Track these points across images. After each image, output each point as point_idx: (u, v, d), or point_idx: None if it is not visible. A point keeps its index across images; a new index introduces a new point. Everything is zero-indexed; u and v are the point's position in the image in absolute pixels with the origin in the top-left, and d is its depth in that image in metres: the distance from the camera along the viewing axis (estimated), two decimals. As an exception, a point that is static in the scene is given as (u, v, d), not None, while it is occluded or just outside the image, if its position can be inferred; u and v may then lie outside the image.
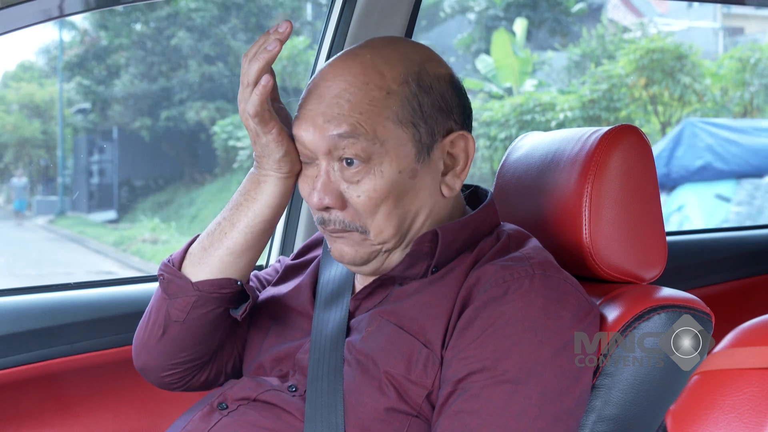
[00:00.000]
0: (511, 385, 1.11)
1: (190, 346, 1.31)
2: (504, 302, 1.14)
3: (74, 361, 1.74)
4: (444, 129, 1.21)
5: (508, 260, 1.18)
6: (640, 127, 7.73)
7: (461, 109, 1.23)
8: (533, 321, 1.13)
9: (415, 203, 1.21)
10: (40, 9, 1.35)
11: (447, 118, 1.21)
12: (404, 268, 1.22)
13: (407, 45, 1.25)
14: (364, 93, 1.17)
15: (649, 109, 9.84)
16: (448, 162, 1.23)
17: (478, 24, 12.71)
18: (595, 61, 10.96)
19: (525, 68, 10.81)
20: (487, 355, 1.12)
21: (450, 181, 1.23)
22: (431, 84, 1.20)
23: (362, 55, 1.20)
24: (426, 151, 1.19)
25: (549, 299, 1.15)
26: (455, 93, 1.22)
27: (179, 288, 1.27)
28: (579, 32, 12.22)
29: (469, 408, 1.11)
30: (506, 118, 9.50)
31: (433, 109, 1.19)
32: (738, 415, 0.73)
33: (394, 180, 1.18)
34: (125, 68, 11.38)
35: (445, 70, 1.23)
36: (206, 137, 10.92)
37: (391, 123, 1.17)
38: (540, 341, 1.12)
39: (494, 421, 1.10)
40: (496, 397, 1.11)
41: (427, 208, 1.22)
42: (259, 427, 1.19)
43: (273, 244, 2.07)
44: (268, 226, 1.28)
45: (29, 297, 1.78)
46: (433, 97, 1.19)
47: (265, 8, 11.64)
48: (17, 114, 11.48)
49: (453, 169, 1.23)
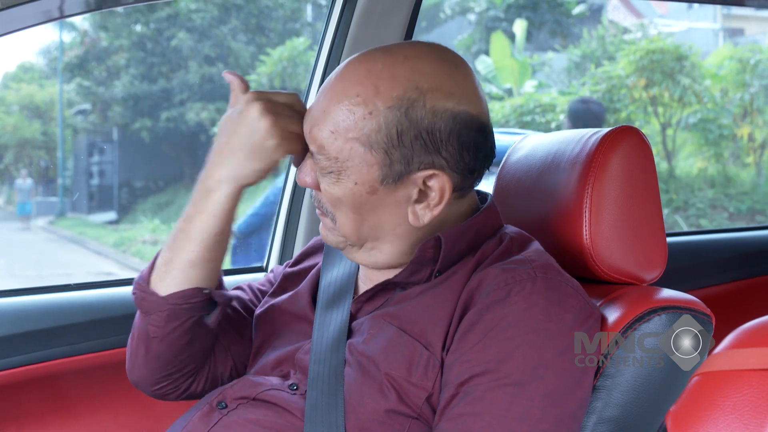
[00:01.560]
0: (513, 388, 1.11)
1: (173, 357, 1.31)
2: (506, 305, 1.14)
3: (75, 362, 1.74)
4: (423, 162, 1.17)
5: (510, 263, 1.18)
6: (640, 128, 7.72)
7: (459, 148, 1.17)
8: (536, 323, 1.13)
9: (374, 217, 1.20)
10: (41, 10, 1.35)
11: (429, 153, 1.16)
12: (408, 275, 1.22)
13: (430, 65, 1.18)
14: (348, 107, 1.16)
15: (649, 111, 9.84)
16: (425, 192, 1.19)
17: (479, 25, 12.71)
18: (595, 62, 10.96)
19: (524, 70, 10.82)
20: (490, 358, 1.12)
21: (420, 211, 1.19)
22: (422, 117, 1.15)
23: (375, 61, 1.17)
24: (394, 177, 1.17)
25: (551, 302, 1.15)
26: (454, 131, 1.16)
27: (152, 304, 1.27)
28: (579, 33, 12.22)
29: (472, 411, 1.11)
30: (506, 119, 9.51)
31: (414, 141, 1.15)
32: (738, 416, 0.73)
33: (349, 190, 1.18)
34: (125, 69, 11.38)
35: (453, 105, 1.16)
36: (206, 138, 10.92)
37: (359, 145, 1.15)
38: (542, 343, 1.12)
39: (497, 423, 1.10)
40: (498, 399, 1.10)
41: (390, 226, 1.21)
42: (259, 425, 1.19)
43: (273, 247, 2.07)
44: (225, 236, 1.27)
45: (29, 298, 1.78)
46: (418, 130, 1.15)
47: (265, 9, 11.65)
48: (17, 115, 11.48)
49: (426, 202, 1.19)
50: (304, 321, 1.33)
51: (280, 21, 11.69)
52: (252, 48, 11.29)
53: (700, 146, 9.75)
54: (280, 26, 11.66)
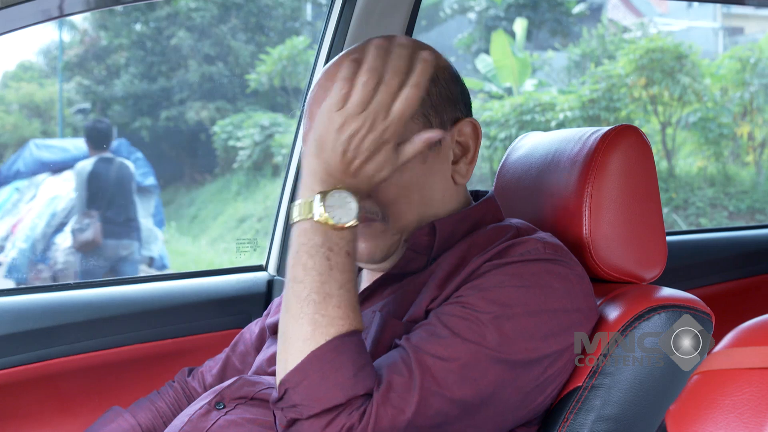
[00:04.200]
0: (479, 314, 1.09)
1: None
2: (505, 257, 1.14)
3: (74, 361, 1.74)
4: (452, 118, 1.25)
5: (521, 239, 1.18)
6: (640, 127, 7.73)
7: (465, 99, 1.28)
8: (528, 278, 1.12)
9: (428, 190, 1.23)
10: (40, 9, 1.35)
11: (454, 108, 1.25)
12: (405, 264, 1.23)
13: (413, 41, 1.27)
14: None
15: (649, 109, 9.83)
16: (457, 151, 1.26)
17: (479, 24, 12.70)
18: (595, 61, 10.95)
19: (524, 68, 10.81)
20: (467, 293, 1.12)
21: (461, 168, 1.26)
22: (437, 75, 1.23)
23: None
24: (437, 142, 1.22)
25: (548, 270, 1.14)
26: (457, 83, 1.27)
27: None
28: (579, 32, 12.22)
29: (433, 322, 1.10)
30: (506, 118, 9.49)
31: (440, 98, 1.23)
32: (738, 415, 0.73)
33: (410, 171, 1.20)
34: (125, 68, 11.37)
35: (445, 62, 1.28)
36: (206, 137, 10.91)
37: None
38: (526, 289, 1.11)
39: (451, 342, 1.08)
40: (459, 324, 1.09)
41: (440, 194, 1.24)
42: (257, 425, 1.19)
43: (272, 247, 2.06)
44: None
45: (29, 297, 1.78)
46: (440, 87, 1.23)
47: (265, 8, 11.64)
48: (17, 114, 11.46)
49: (464, 157, 1.26)
50: None
51: (280, 20, 11.68)
52: (252, 47, 11.28)
53: (699, 145, 9.75)
54: (280, 25, 11.65)
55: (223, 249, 9.66)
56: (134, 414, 1.45)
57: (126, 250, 5.12)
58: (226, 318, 1.89)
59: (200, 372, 1.53)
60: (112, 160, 5.28)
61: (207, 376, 1.51)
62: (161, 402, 1.49)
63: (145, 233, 5.37)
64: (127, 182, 5.17)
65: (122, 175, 5.19)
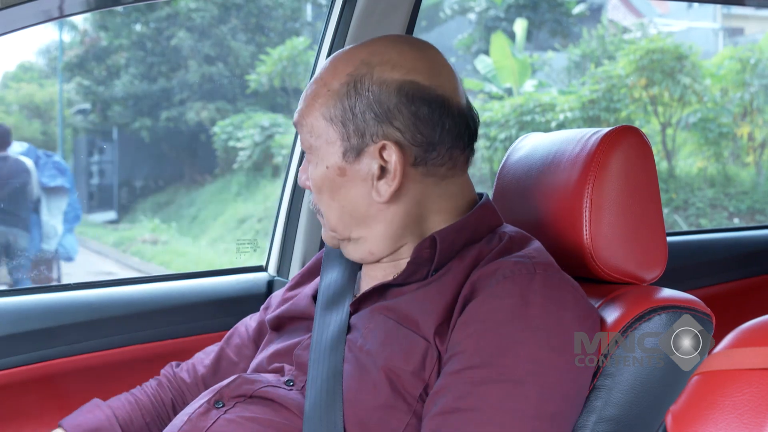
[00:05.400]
0: (508, 384, 1.10)
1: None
2: (505, 299, 1.14)
3: (74, 361, 1.74)
4: (377, 134, 1.22)
5: (511, 258, 1.19)
6: (640, 127, 7.71)
7: (412, 118, 1.21)
8: (533, 320, 1.13)
9: (347, 199, 1.25)
10: (41, 9, 1.35)
11: (380, 124, 1.21)
12: (407, 276, 1.23)
13: (385, 46, 1.25)
14: (315, 88, 1.26)
15: (649, 110, 9.83)
16: (385, 168, 1.23)
17: (479, 25, 12.70)
18: (595, 61, 10.95)
19: (524, 69, 10.81)
20: (485, 352, 1.12)
21: (381, 186, 1.23)
22: (369, 87, 1.21)
23: (339, 54, 1.28)
24: (353, 152, 1.23)
25: (549, 299, 1.15)
26: (403, 100, 1.21)
27: None
28: (579, 33, 12.22)
29: (465, 405, 1.10)
30: (506, 118, 9.49)
31: (365, 112, 1.21)
32: (738, 415, 0.73)
33: (324, 173, 1.25)
34: (125, 69, 11.37)
35: (399, 75, 1.21)
36: (206, 138, 10.91)
37: (322, 119, 1.24)
38: (539, 341, 1.12)
39: (488, 419, 1.09)
40: (491, 394, 1.10)
41: (364, 206, 1.25)
42: (257, 423, 1.19)
43: (272, 248, 2.06)
44: None
45: (29, 297, 1.78)
46: (367, 101, 1.21)
47: (265, 9, 11.64)
48: (17, 114, 11.46)
49: (386, 177, 1.23)
50: (305, 319, 1.34)
51: (280, 20, 11.68)
52: (252, 47, 11.28)
53: (700, 146, 9.75)
54: (280, 26, 11.65)
55: (223, 250, 9.66)
56: (111, 405, 1.46)
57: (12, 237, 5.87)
58: (226, 318, 1.89)
59: (191, 364, 1.53)
60: (7, 158, 5.80)
61: (199, 368, 1.51)
62: (142, 395, 1.49)
63: (46, 228, 6.00)
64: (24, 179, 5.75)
65: (17, 171, 5.76)
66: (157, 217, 10.76)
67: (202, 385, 1.49)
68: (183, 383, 1.51)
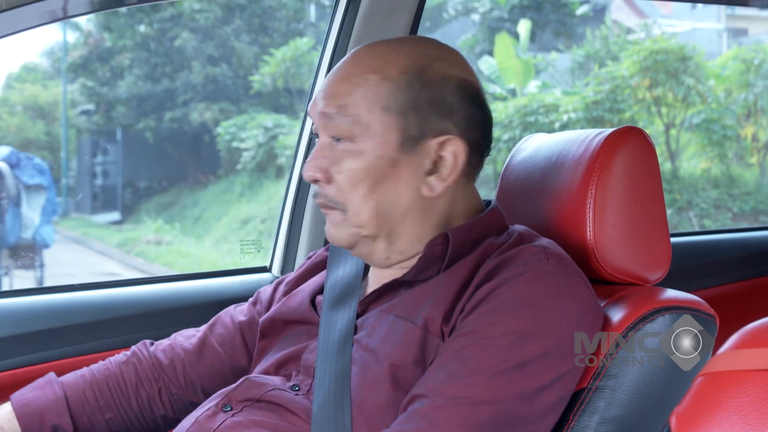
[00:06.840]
0: (490, 346, 1.10)
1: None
2: (514, 283, 1.14)
3: (78, 362, 1.74)
4: (437, 128, 1.21)
5: (527, 246, 1.19)
6: (644, 128, 7.69)
7: (467, 116, 1.22)
8: (537, 304, 1.13)
9: (393, 192, 1.21)
10: (45, 10, 1.35)
11: (443, 118, 1.20)
12: (417, 272, 1.23)
13: (427, 43, 1.26)
14: (360, 77, 1.20)
15: (653, 111, 9.83)
16: (438, 163, 1.22)
17: (482, 25, 12.71)
18: (599, 62, 10.95)
19: (528, 70, 10.82)
20: (480, 323, 1.12)
21: (433, 181, 1.22)
22: (433, 80, 1.20)
23: (378, 46, 1.24)
24: (411, 143, 1.20)
25: (557, 285, 1.15)
26: (462, 98, 1.21)
27: None
28: (583, 33, 12.21)
29: (443, 363, 1.11)
30: (510, 119, 9.50)
31: (428, 104, 1.20)
32: (742, 416, 0.73)
33: (372, 164, 1.20)
34: (129, 69, 11.39)
35: (457, 72, 1.22)
36: (210, 138, 10.93)
37: (378, 108, 1.19)
38: (534, 317, 1.12)
39: (460, 369, 1.09)
40: (471, 352, 1.10)
41: (407, 201, 1.22)
42: (263, 427, 1.19)
43: (276, 248, 2.06)
44: None
45: (33, 298, 1.78)
46: (432, 94, 1.20)
47: (268, 9, 11.65)
48: (21, 115, 11.48)
49: (439, 172, 1.22)
50: (307, 323, 1.33)
51: (284, 21, 11.69)
52: (255, 48, 11.29)
53: (703, 146, 9.74)
54: (284, 26, 11.66)
55: (226, 250, 9.67)
56: (65, 384, 1.41)
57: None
58: (230, 319, 1.88)
59: (168, 345, 1.47)
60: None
61: (178, 350, 1.45)
62: (101, 374, 1.44)
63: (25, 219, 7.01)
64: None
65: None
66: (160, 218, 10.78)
67: (181, 368, 1.43)
68: (158, 363, 1.45)
